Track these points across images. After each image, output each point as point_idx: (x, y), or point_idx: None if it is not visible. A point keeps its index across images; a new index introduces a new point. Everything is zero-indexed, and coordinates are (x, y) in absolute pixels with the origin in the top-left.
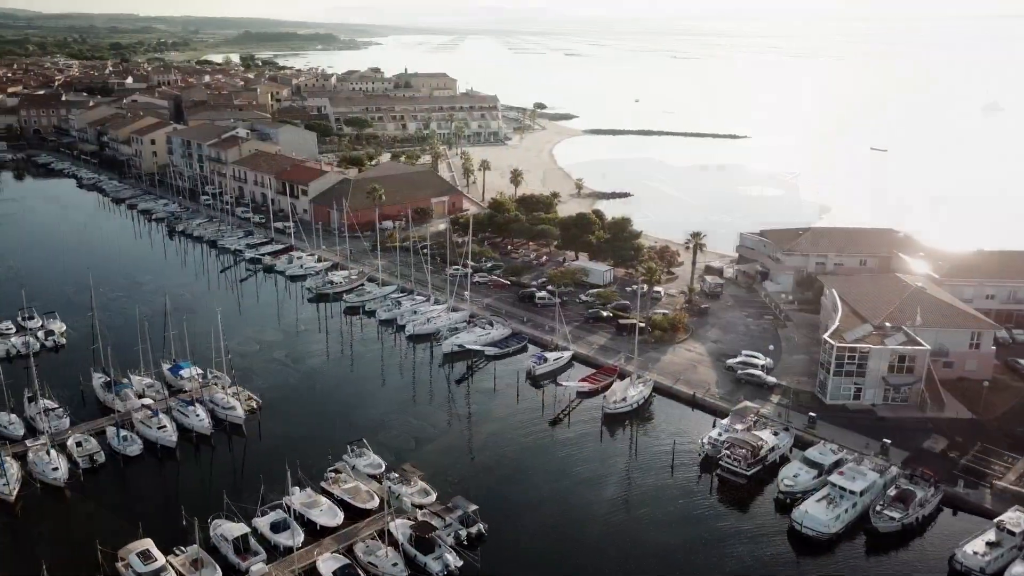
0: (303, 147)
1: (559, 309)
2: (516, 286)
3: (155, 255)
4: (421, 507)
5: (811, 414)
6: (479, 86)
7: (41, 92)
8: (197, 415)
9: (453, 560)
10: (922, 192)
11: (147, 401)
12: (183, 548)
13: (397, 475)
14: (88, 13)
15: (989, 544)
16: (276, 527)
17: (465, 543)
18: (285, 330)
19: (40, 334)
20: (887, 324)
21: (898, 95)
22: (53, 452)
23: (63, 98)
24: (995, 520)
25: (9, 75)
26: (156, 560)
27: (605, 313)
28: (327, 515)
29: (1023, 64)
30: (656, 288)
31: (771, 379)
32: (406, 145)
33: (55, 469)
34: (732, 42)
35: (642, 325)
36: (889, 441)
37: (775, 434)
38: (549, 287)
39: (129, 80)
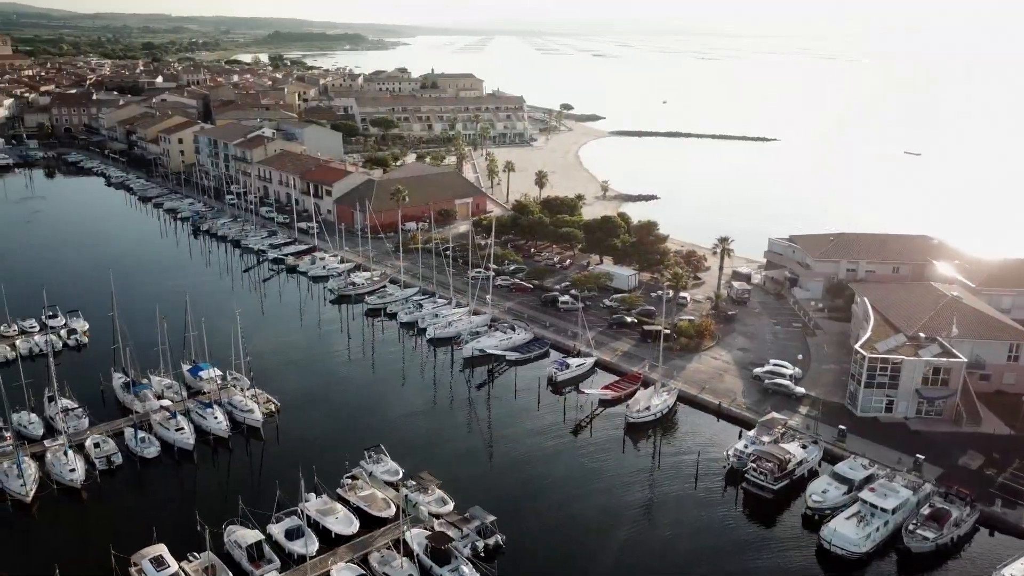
0: (328, 147)
1: (582, 314)
2: (539, 290)
3: (179, 254)
4: (438, 516)
5: (841, 427)
6: (505, 87)
7: (73, 91)
8: (215, 417)
9: (469, 572)
10: (957, 197)
11: (165, 402)
12: (196, 554)
13: (414, 483)
14: (121, 13)
15: None
16: (290, 534)
17: (482, 555)
18: (306, 331)
19: (63, 332)
20: (921, 335)
21: (931, 97)
22: (71, 453)
23: (94, 97)
24: None
25: (43, 74)
26: (169, 566)
27: (629, 319)
28: (342, 523)
29: None
30: (682, 294)
31: (799, 389)
32: (431, 146)
33: (72, 470)
34: (745, 43)
35: (667, 332)
36: (923, 457)
37: (803, 447)
38: (572, 291)
39: (159, 79)
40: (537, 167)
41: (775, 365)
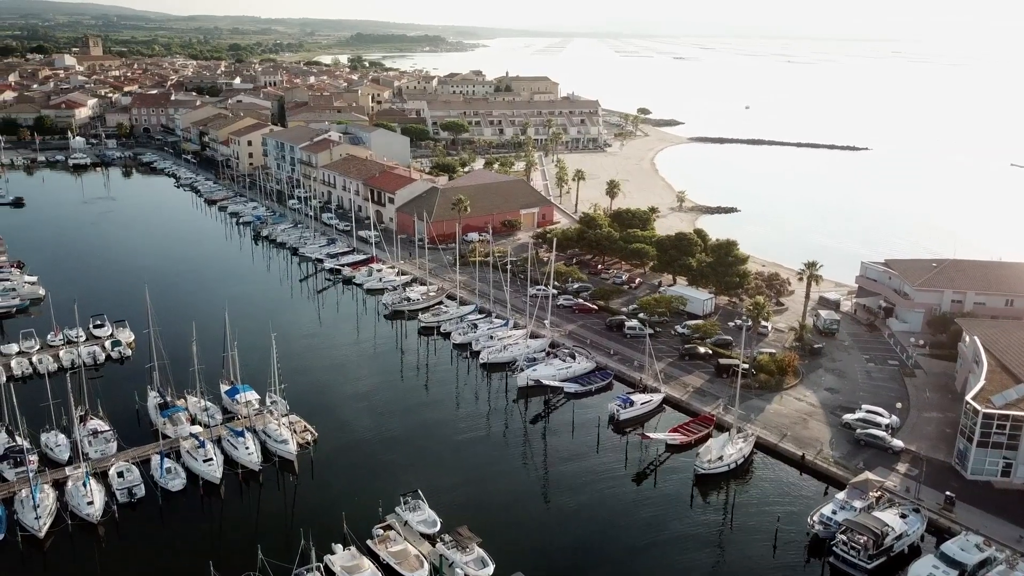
0: (396, 152)
1: (649, 342)
2: (604, 312)
3: (238, 261)
4: None
5: (948, 493)
6: (581, 90)
7: (153, 92)
8: (246, 447)
9: None
10: None
11: (196, 429)
12: None
13: (451, 539)
14: (214, 15)
15: None
16: None
17: None
18: (355, 349)
19: (107, 344)
20: None
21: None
22: (91, 483)
23: (172, 97)
24: None
25: (128, 74)
26: None
27: (703, 349)
28: None
29: None
30: (763, 323)
31: (897, 443)
32: (502, 151)
33: (90, 503)
34: (831, 46)
35: (745, 366)
36: None
37: (903, 516)
38: (641, 315)
39: (237, 80)
40: (610, 174)
41: (868, 412)
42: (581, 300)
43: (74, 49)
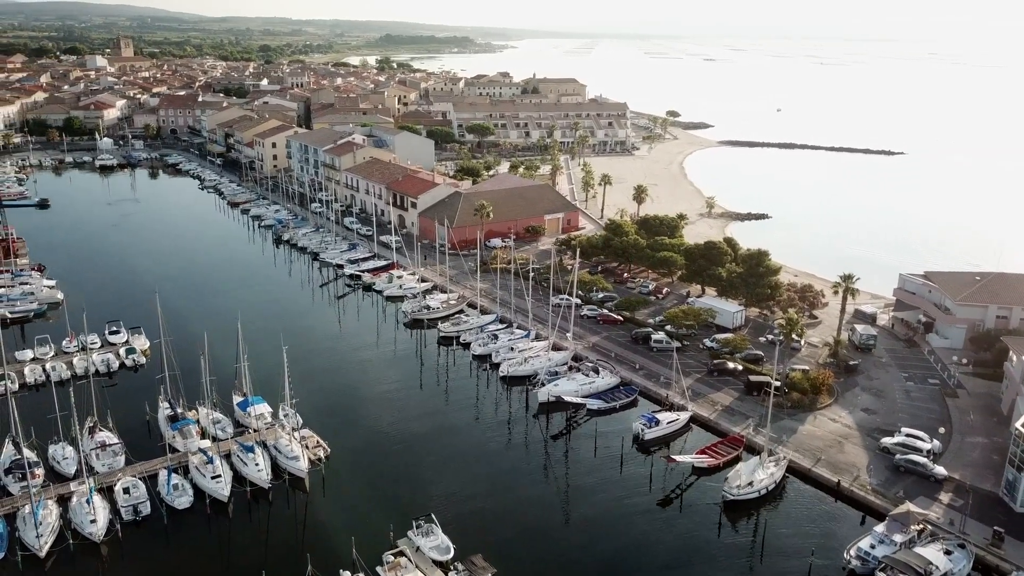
0: (419, 155)
1: (676, 357)
2: (630, 323)
3: (258, 265)
4: None
5: (996, 528)
6: (609, 92)
7: (181, 93)
8: (256, 464)
9: None
10: None
11: (205, 444)
12: None
13: (464, 568)
14: (247, 16)
15: None
16: None
17: None
18: (372, 359)
19: (122, 351)
20: None
21: None
22: (95, 499)
23: (200, 99)
24: None
25: (157, 76)
26: None
27: (732, 365)
28: None
29: None
30: (795, 337)
31: (940, 470)
32: (527, 154)
33: (93, 521)
34: (864, 47)
35: (777, 384)
36: None
37: (947, 552)
38: (668, 327)
39: (264, 82)
40: (637, 178)
41: (908, 436)
42: (606, 311)
43: (107, 50)
